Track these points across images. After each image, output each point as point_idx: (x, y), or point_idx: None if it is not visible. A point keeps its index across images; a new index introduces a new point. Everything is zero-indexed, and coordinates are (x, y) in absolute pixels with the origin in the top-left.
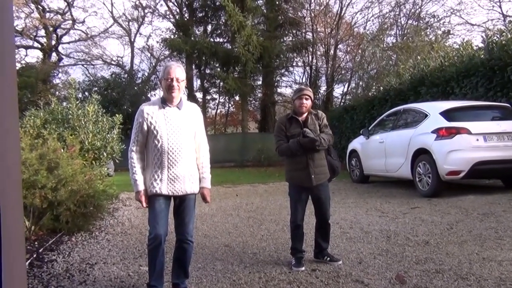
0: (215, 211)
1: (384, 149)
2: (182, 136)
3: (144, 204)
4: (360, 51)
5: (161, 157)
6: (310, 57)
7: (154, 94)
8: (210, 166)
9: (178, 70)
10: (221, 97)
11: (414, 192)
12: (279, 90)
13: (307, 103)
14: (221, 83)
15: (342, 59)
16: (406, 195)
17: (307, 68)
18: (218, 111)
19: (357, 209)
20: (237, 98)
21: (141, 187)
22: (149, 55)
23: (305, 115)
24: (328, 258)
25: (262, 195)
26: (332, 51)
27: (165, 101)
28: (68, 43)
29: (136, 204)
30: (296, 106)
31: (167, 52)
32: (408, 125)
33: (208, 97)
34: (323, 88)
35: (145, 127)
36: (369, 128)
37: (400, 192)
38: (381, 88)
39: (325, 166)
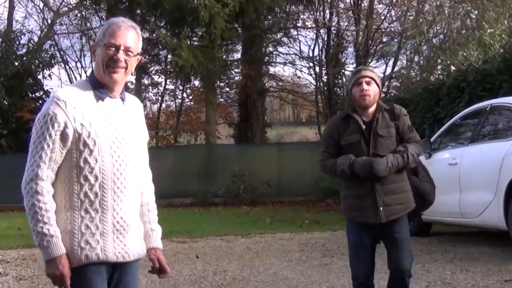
0: (159, 286)
1: (457, 176)
2: (132, 151)
3: (68, 282)
4: (414, 3)
5: (102, 191)
6: (326, 12)
7: (49, 76)
8: None
9: (130, 34)
10: (169, 81)
11: (510, 252)
12: (272, 69)
13: (371, 89)
14: (169, 56)
15: (383, 17)
16: (495, 257)
17: (322, 31)
18: (164, 105)
19: (412, 282)
20: (196, 82)
21: (61, 248)
22: (41, 5)
23: (370, 110)
24: None
25: (242, 257)
26: (366, 2)
27: (100, 86)
28: None
29: (16, 272)
30: (355, 97)
31: (73, 0)
32: (500, 135)
33: (146, 81)
34: (350, 67)
35: (70, 134)
36: (432, 140)
37: (485, 252)
38: (452, 68)
39: (406, 191)
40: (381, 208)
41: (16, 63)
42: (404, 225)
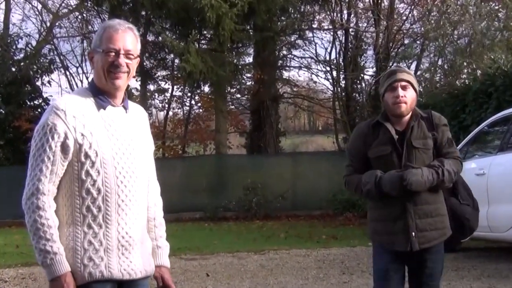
0: None
1: (485, 188)
2: (137, 162)
3: None
4: (438, 2)
5: (106, 205)
6: (344, 12)
7: (49, 82)
8: None
9: (129, 36)
10: (176, 87)
11: None
12: (286, 74)
13: (408, 95)
14: (176, 60)
15: (405, 17)
16: None
17: (339, 33)
18: (171, 113)
19: None
20: (205, 89)
21: (66, 266)
22: (39, 7)
23: (405, 118)
24: None
25: (255, 275)
26: (386, 2)
27: (100, 94)
28: None
29: None
30: (388, 103)
31: (73, 2)
32: None
33: (152, 87)
34: (369, 71)
35: (70, 145)
36: (458, 148)
37: None
38: (479, 72)
39: (442, 215)
40: (413, 234)
41: (13, 69)
42: (439, 257)
